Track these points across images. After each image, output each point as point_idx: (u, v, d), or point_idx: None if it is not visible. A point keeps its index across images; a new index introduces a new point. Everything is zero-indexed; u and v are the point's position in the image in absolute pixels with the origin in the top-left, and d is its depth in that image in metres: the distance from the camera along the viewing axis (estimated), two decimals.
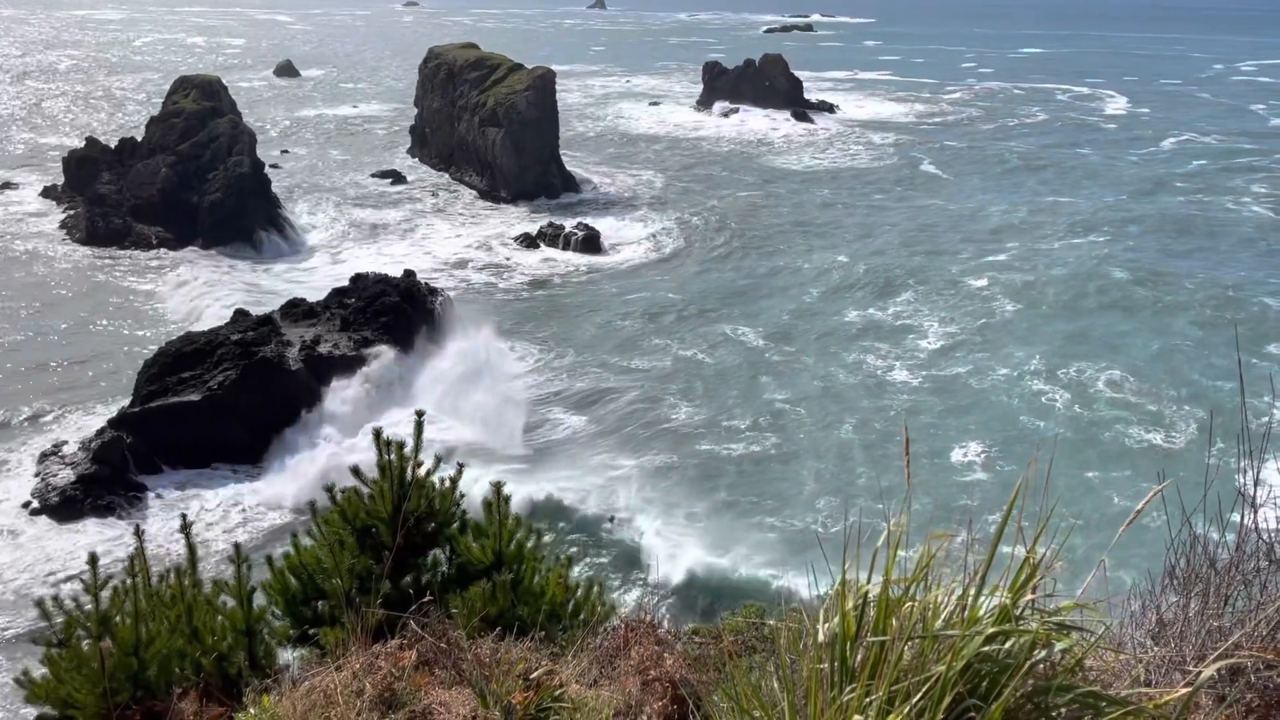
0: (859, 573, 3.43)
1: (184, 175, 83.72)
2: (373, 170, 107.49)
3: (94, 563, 7.22)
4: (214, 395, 48.37)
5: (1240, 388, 56.81)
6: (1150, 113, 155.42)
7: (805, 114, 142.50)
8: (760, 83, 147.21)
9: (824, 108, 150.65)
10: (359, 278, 60.18)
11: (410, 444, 7.83)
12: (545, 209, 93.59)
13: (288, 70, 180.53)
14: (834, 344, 62.90)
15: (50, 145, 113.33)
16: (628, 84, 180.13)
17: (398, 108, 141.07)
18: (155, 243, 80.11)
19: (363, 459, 8.75)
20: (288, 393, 50.29)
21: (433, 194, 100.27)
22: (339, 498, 7.80)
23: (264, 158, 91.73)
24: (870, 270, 75.87)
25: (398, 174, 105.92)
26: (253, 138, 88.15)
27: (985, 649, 3.11)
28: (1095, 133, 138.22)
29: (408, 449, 7.81)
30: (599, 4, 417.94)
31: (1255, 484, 4.06)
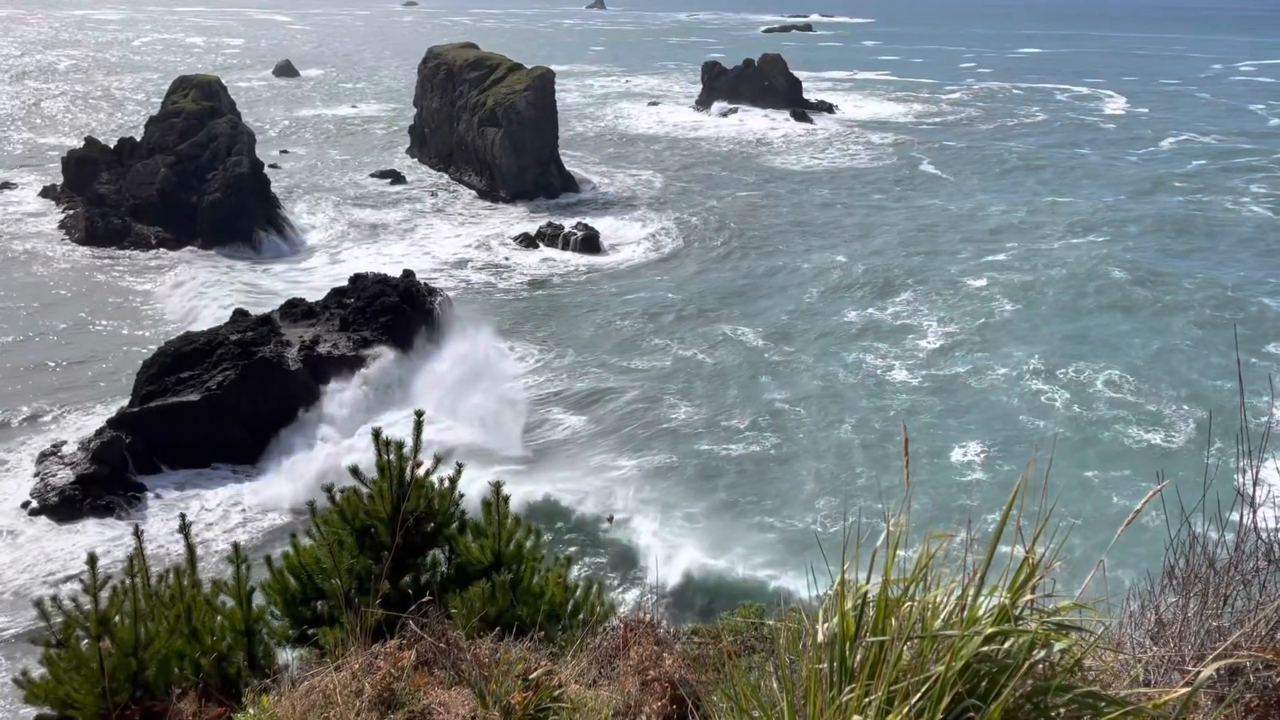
0: (858, 573, 3.43)
1: (183, 175, 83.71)
2: (372, 170, 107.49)
3: (93, 563, 7.21)
4: (213, 395, 48.37)
5: (1239, 387, 56.82)
6: (1149, 113, 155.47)
7: (804, 114, 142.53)
8: (759, 83, 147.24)
9: (823, 108, 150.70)
10: (358, 278, 60.18)
11: (409, 444, 7.82)
12: (544, 209, 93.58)
13: (287, 70, 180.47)
14: (833, 344, 62.91)
15: (49, 145, 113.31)
16: (627, 84, 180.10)
17: (397, 108, 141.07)
18: (154, 243, 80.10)
19: (360, 459, 8.75)
20: (287, 393, 50.32)
21: (432, 194, 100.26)
22: (338, 498, 7.79)
23: (263, 158, 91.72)
24: (869, 270, 75.88)
25: (397, 174, 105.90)
26: (252, 138, 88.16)
27: (984, 649, 3.12)
28: (1094, 133, 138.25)
29: (406, 449, 7.80)
30: (598, 4, 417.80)
31: (1254, 484, 4.06)
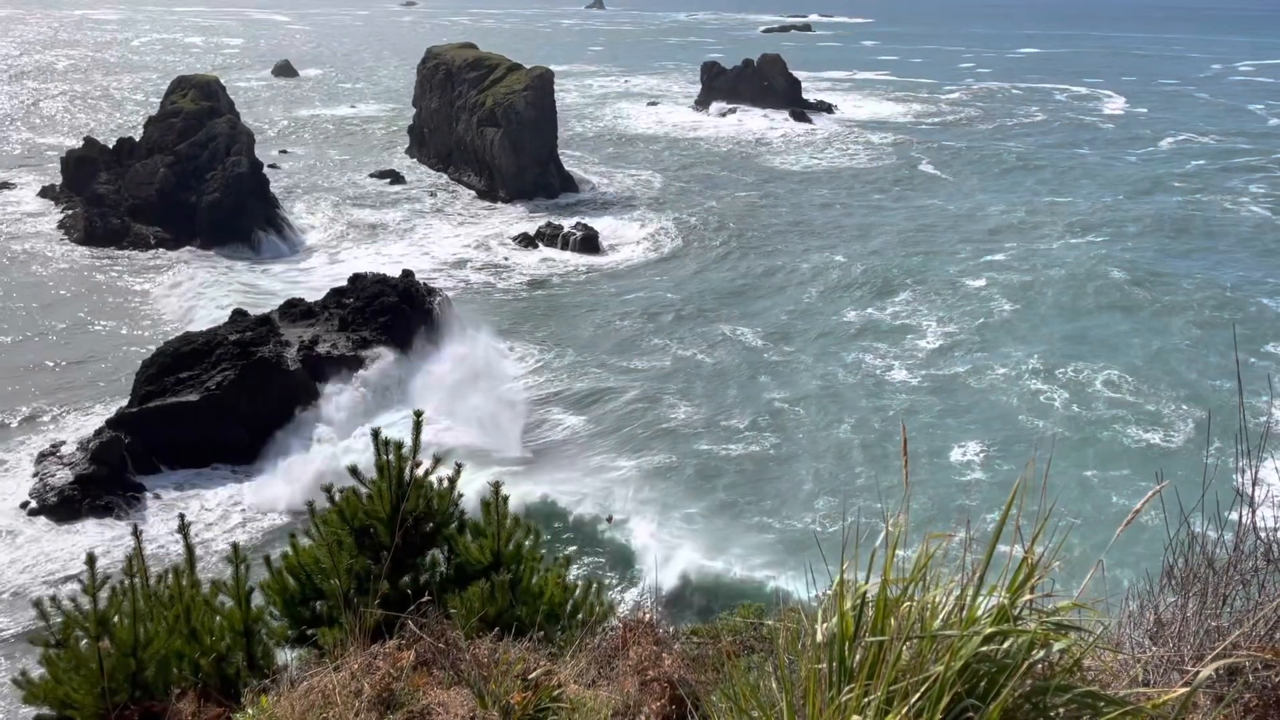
0: (857, 573, 3.43)
1: (182, 175, 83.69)
2: (371, 170, 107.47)
3: (92, 563, 7.21)
4: (212, 395, 48.35)
5: (1238, 387, 56.87)
6: (1148, 113, 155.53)
7: (803, 114, 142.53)
8: (758, 83, 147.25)
9: (822, 108, 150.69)
10: (357, 278, 60.17)
11: (408, 444, 7.81)
12: (543, 209, 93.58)
13: (286, 70, 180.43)
14: (832, 344, 62.92)
15: (48, 145, 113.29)
16: (626, 84, 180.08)
17: (396, 108, 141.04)
18: (153, 243, 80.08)
19: (356, 460, 8.74)
20: (286, 393, 50.30)
21: (431, 194, 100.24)
22: (337, 498, 7.78)
23: (262, 158, 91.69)
24: (868, 270, 75.90)
25: (396, 174, 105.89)
26: (251, 138, 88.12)
27: (983, 649, 3.11)
28: (1093, 133, 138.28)
29: (405, 449, 7.80)
30: (597, 4, 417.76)
31: (1253, 483, 4.06)
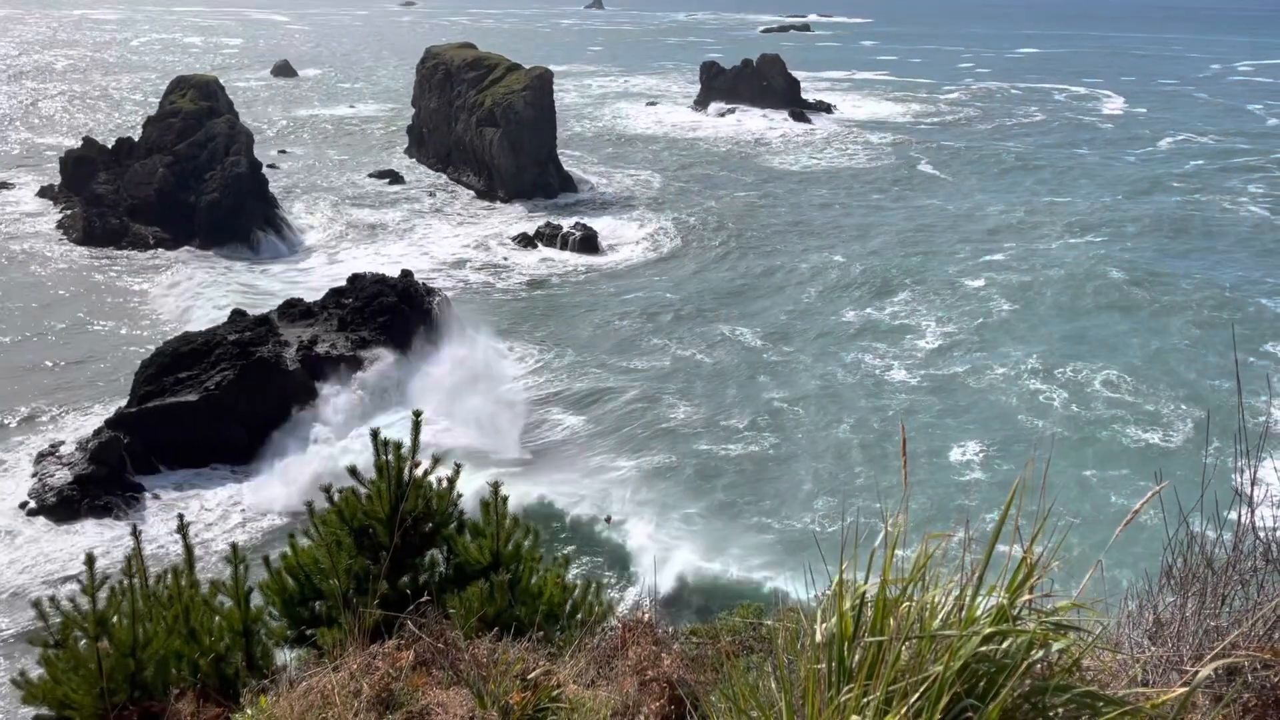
0: (856, 573, 3.43)
1: (181, 175, 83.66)
2: (370, 170, 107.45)
3: (91, 563, 7.20)
4: (211, 395, 48.33)
5: (1238, 387, 56.89)
6: (1147, 113, 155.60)
7: (802, 114, 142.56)
8: (758, 83, 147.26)
9: (821, 108, 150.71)
10: (356, 278, 60.16)
11: (407, 444, 7.80)
12: (543, 209, 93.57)
13: (285, 70, 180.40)
14: (831, 344, 62.93)
15: (47, 145, 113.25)
16: (625, 84, 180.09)
17: (395, 108, 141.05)
18: (152, 243, 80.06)
19: (355, 462, 8.72)
20: (285, 393, 50.28)
21: (430, 194, 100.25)
22: (336, 498, 7.78)
23: (261, 158, 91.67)
24: (867, 270, 75.91)
25: (395, 174, 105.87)
26: (250, 138, 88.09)
27: (982, 649, 3.11)
28: (1092, 133, 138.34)
29: (404, 449, 7.79)
30: (596, 4, 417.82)
31: (1252, 483, 4.06)
